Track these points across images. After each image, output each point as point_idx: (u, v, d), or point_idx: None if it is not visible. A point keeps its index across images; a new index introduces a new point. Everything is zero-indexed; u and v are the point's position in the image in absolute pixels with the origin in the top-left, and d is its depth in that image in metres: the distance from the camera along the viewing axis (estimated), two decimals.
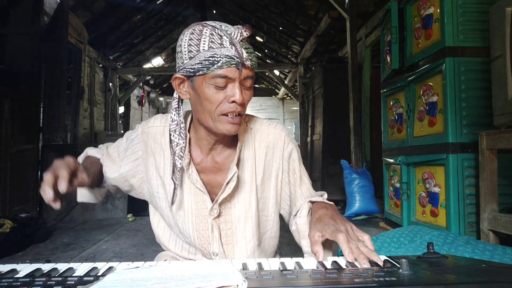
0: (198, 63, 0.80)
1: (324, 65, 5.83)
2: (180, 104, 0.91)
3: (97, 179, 1.01)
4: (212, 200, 0.94)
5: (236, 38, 0.79)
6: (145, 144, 0.99)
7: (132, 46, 8.13)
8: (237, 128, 0.85)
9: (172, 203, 0.92)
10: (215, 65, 0.78)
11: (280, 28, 7.70)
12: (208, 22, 0.82)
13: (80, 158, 1.07)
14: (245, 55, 0.79)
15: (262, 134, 0.97)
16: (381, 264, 0.65)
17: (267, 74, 10.61)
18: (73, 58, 5.94)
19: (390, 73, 3.26)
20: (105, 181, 1.06)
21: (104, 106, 7.43)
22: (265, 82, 13.27)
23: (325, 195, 1.00)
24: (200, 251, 0.98)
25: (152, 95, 10.92)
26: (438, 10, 2.63)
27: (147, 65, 9.26)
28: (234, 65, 0.79)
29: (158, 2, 7.10)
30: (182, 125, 0.89)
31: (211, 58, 0.78)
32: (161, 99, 11.53)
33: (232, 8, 7.90)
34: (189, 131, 0.95)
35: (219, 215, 0.94)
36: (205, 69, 0.79)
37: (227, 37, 0.79)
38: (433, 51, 2.67)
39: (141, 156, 1.00)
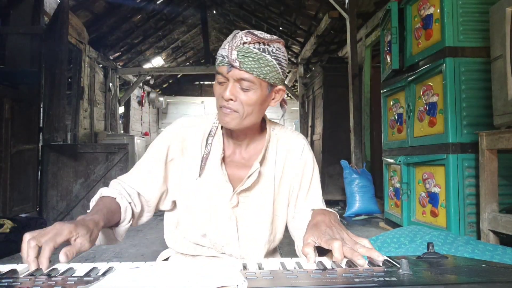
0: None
1: (324, 65, 5.83)
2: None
3: (112, 221, 0.90)
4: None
5: (235, 42, 0.86)
6: (182, 140, 1.01)
7: (132, 46, 8.12)
8: (230, 120, 0.90)
9: (200, 175, 0.98)
10: (216, 63, 0.91)
11: (280, 28, 7.70)
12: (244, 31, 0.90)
13: (94, 200, 0.94)
14: (233, 56, 0.85)
15: (285, 139, 1.05)
16: (381, 261, 0.65)
17: None
18: (73, 58, 5.93)
19: (390, 73, 3.26)
20: (142, 209, 1.00)
21: (104, 106, 7.43)
22: None
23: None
24: (214, 247, 0.99)
25: (152, 95, 10.91)
26: (438, 10, 2.64)
27: (147, 65, 9.25)
28: (225, 64, 0.87)
29: (158, 2, 7.10)
30: (215, 124, 1.00)
31: (216, 57, 0.91)
32: (161, 99, 11.50)
33: (232, 8, 7.89)
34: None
35: (237, 205, 0.99)
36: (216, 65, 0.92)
37: (228, 40, 0.88)
38: (433, 51, 2.67)
39: (177, 155, 1.01)
